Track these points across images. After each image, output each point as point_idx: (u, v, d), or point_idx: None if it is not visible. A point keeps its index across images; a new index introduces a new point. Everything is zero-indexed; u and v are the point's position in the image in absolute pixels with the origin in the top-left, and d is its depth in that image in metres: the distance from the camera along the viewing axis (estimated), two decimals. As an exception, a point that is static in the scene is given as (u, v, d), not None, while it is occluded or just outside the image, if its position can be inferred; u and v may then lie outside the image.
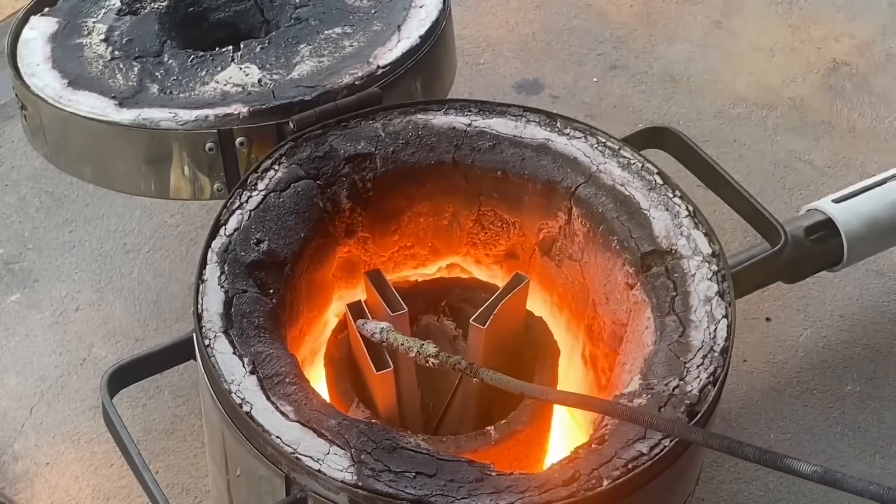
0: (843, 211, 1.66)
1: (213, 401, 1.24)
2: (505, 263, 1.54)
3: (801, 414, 1.84)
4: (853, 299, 2.00)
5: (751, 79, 2.45)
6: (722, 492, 1.73)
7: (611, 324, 1.40)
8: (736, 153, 2.27)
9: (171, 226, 2.11)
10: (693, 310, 1.30)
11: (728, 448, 1.08)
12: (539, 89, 2.41)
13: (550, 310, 1.52)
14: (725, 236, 2.01)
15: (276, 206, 1.40)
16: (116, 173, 1.60)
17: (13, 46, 1.69)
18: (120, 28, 1.71)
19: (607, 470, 1.14)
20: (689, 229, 1.37)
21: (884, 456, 1.79)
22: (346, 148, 1.46)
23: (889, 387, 1.88)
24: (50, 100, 1.59)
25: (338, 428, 1.18)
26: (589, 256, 1.43)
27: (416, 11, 1.70)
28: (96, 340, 1.93)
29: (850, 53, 2.51)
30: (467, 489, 1.13)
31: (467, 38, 2.49)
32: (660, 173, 1.44)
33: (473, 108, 1.52)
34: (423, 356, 1.26)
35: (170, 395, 1.85)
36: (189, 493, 1.73)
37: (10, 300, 2.00)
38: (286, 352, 1.28)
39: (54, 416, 1.83)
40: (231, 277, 1.32)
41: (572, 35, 2.54)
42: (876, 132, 2.33)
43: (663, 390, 1.22)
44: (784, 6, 2.63)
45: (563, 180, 1.45)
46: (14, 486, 1.75)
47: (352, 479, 1.13)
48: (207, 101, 1.57)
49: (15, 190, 2.18)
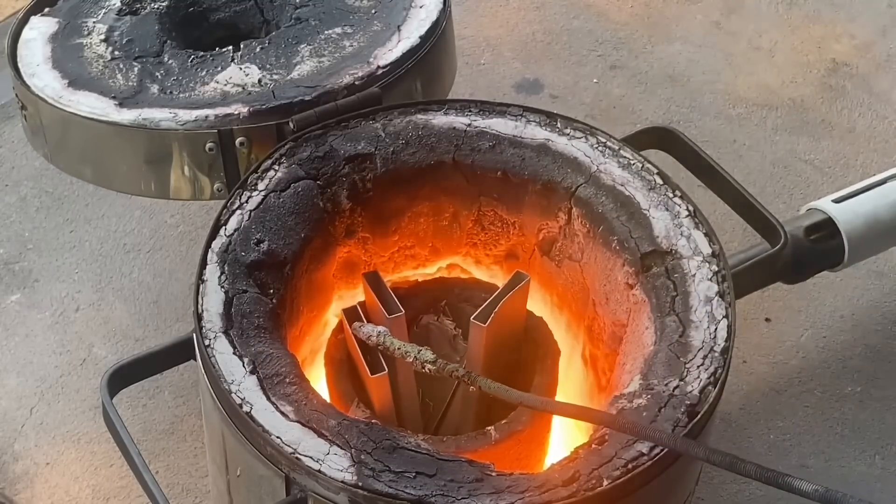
0: (843, 211, 1.65)
1: (213, 401, 1.24)
2: (505, 264, 1.54)
3: (801, 414, 1.84)
4: (853, 300, 2.00)
5: (751, 79, 2.45)
6: (722, 492, 1.73)
7: (611, 324, 1.40)
8: (736, 153, 2.27)
9: (171, 226, 2.11)
10: (693, 310, 1.30)
11: (729, 465, 1.08)
12: (539, 89, 2.41)
13: (550, 310, 1.52)
14: (725, 236, 2.00)
15: (276, 207, 1.40)
16: (116, 173, 1.60)
17: (13, 46, 1.69)
18: (120, 28, 1.71)
19: (607, 470, 1.14)
20: (689, 229, 1.37)
21: (884, 457, 1.79)
22: (346, 148, 1.46)
23: (889, 387, 1.87)
24: (50, 100, 1.59)
25: (338, 428, 1.18)
26: (589, 257, 1.43)
27: (416, 11, 1.70)
28: (96, 340, 1.93)
29: (850, 53, 2.51)
30: (467, 489, 1.13)
31: (467, 38, 2.49)
32: (660, 173, 1.44)
33: (473, 109, 1.52)
34: (420, 362, 1.25)
35: (170, 395, 1.85)
36: (189, 493, 1.73)
37: (10, 300, 2.00)
38: (286, 352, 1.28)
39: (54, 417, 1.83)
40: (231, 277, 1.32)
41: (572, 35, 2.54)
42: (876, 132, 2.33)
43: (663, 391, 1.22)
44: (784, 6, 2.63)
45: (564, 180, 1.45)
46: (14, 487, 1.75)
47: (352, 480, 1.13)
48: (207, 101, 1.57)
49: (15, 190, 2.18)
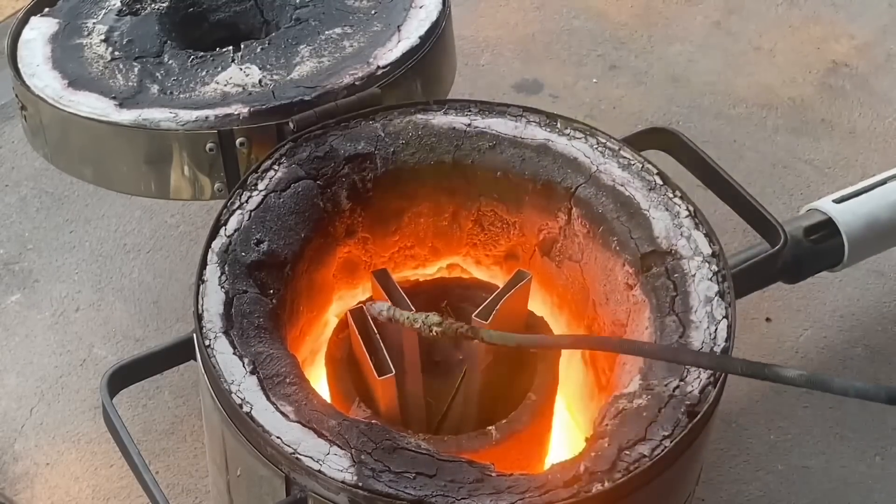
0: (843, 211, 1.65)
1: (214, 401, 1.24)
2: (505, 264, 1.54)
3: (801, 415, 1.84)
4: (853, 300, 2.00)
5: (751, 79, 2.45)
6: (722, 492, 1.73)
7: (611, 324, 1.40)
8: (736, 153, 2.27)
9: (171, 226, 2.11)
10: (693, 310, 1.30)
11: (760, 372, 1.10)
12: (539, 89, 2.41)
13: (550, 310, 1.52)
14: (725, 236, 2.00)
15: (276, 207, 1.40)
16: (117, 173, 1.60)
17: (13, 47, 1.69)
18: (120, 28, 1.71)
19: (608, 470, 1.14)
20: (689, 230, 1.37)
21: (884, 458, 1.79)
22: (346, 148, 1.46)
23: (889, 387, 1.87)
24: (50, 100, 1.59)
25: (338, 428, 1.18)
26: (589, 257, 1.43)
27: (415, 12, 1.70)
28: (96, 341, 1.93)
29: (850, 54, 2.51)
30: (467, 489, 1.13)
31: (467, 38, 2.49)
32: (660, 174, 1.44)
33: (473, 109, 1.52)
34: (427, 326, 1.28)
35: (170, 396, 1.85)
36: (189, 493, 1.73)
37: (10, 300, 2.00)
38: (286, 352, 1.28)
39: (54, 417, 1.83)
40: (231, 278, 1.32)
41: (572, 35, 2.54)
42: (876, 132, 2.33)
43: (663, 391, 1.22)
44: (784, 6, 2.63)
45: (563, 181, 1.45)
46: (14, 487, 1.75)
47: (352, 480, 1.13)
48: (208, 102, 1.57)
49: (15, 190, 2.18)
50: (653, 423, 1.19)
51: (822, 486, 1.75)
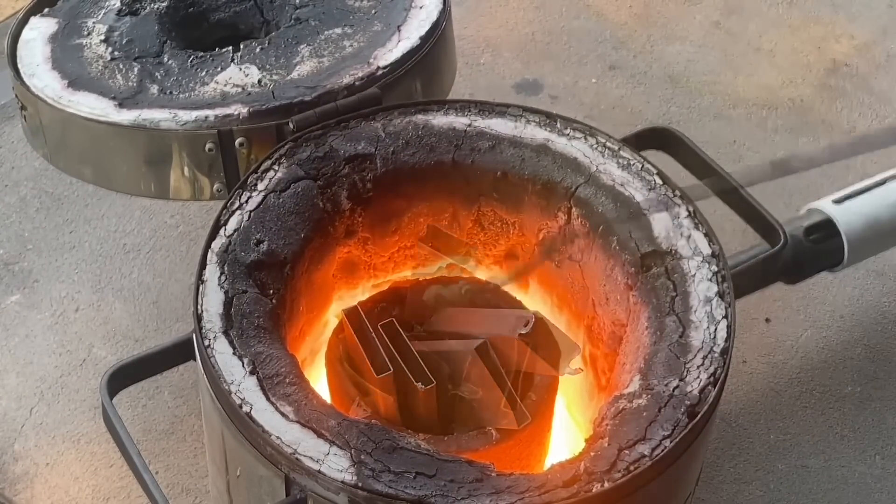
0: (843, 211, 1.65)
1: (213, 401, 1.24)
2: (505, 264, 1.54)
3: (801, 415, 1.84)
4: (853, 300, 2.00)
5: (751, 79, 2.45)
6: (722, 492, 1.73)
7: (610, 324, 1.40)
8: (736, 153, 2.27)
9: (171, 226, 2.11)
10: (693, 310, 1.30)
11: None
12: (539, 90, 2.41)
13: (550, 310, 1.52)
14: (725, 236, 1.99)
15: (276, 207, 1.40)
16: (116, 174, 1.60)
17: (13, 47, 1.69)
18: (120, 28, 1.71)
19: (608, 471, 1.14)
20: (689, 230, 1.37)
21: (884, 457, 1.79)
22: (346, 148, 1.46)
23: (889, 387, 1.87)
24: (50, 100, 1.59)
25: (338, 428, 1.18)
26: (589, 257, 1.43)
27: (416, 12, 1.70)
28: (96, 341, 1.93)
29: (850, 54, 2.51)
30: (467, 489, 1.13)
31: (467, 38, 2.49)
32: (659, 174, 1.44)
33: (473, 109, 1.52)
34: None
35: (170, 396, 1.85)
36: (189, 493, 1.73)
37: (10, 300, 2.00)
38: (286, 352, 1.28)
39: (54, 417, 1.83)
40: (231, 278, 1.32)
41: (572, 35, 2.54)
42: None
43: (663, 391, 1.22)
44: (784, 6, 2.63)
45: (563, 180, 1.45)
46: (14, 487, 1.75)
47: (352, 480, 1.13)
48: (207, 102, 1.57)
49: (15, 190, 2.18)
50: (653, 423, 1.19)
51: (822, 486, 1.75)
